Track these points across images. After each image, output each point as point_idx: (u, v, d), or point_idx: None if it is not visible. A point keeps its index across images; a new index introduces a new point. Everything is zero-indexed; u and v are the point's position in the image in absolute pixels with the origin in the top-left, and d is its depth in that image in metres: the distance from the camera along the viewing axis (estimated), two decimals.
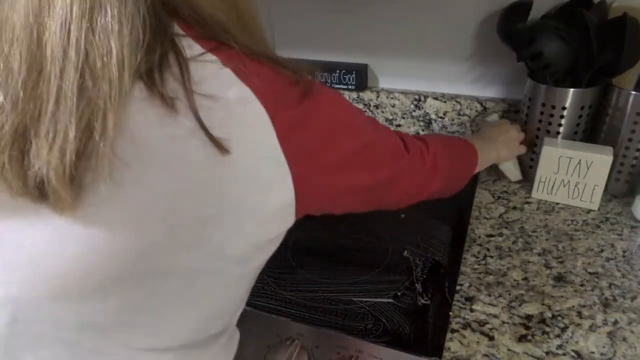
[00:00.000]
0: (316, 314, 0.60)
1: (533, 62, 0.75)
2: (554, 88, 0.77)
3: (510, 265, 0.67)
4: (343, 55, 1.04)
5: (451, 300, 0.61)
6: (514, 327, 0.57)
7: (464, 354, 0.54)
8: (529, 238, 0.72)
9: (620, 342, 0.54)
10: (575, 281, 0.63)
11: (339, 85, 1.03)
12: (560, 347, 0.54)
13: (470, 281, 0.64)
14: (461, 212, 0.78)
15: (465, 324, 0.58)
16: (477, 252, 0.69)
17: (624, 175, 0.78)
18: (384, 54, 1.01)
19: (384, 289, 0.63)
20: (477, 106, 0.95)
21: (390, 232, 0.74)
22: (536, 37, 0.73)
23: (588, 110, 0.78)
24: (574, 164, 0.76)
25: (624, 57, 0.70)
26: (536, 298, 0.61)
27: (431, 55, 0.97)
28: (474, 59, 0.94)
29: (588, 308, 0.59)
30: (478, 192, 0.84)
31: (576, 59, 0.73)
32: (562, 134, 0.80)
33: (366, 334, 0.56)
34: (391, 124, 1.05)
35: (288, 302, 0.62)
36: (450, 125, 0.99)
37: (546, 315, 0.58)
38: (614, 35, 0.70)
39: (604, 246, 0.70)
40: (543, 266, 0.66)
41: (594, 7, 0.75)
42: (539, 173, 0.79)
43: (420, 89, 1.01)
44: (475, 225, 0.75)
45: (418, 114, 1.01)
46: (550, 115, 0.79)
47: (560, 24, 0.73)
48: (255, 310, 0.61)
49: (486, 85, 0.96)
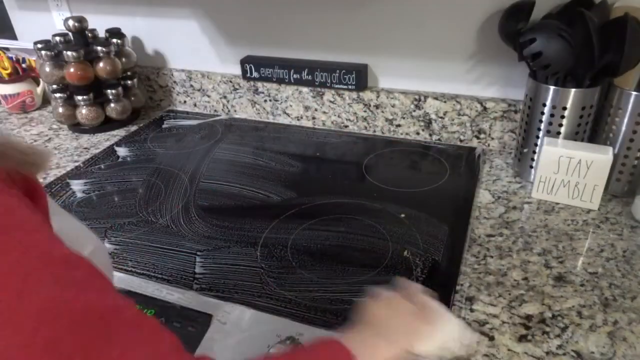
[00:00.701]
0: (316, 314, 0.60)
1: (534, 62, 0.75)
2: (555, 88, 0.77)
3: (510, 265, 0.67)
4: (343, 55, 1.04)
5: (451, 300, 0.61)
6: (514, 327, 0.57)
7: (464, 354, 0.54)
8: (529, 238, 0.72)
9: (620, 342, 0.54)
10: (575, 281, 0.63)
11: (339, 85, 1.03)
12: (560, 347, 0.54)
13: (470, 281, 0.64)
14: (461, 212, 0.78)
15: (466, 324, 0.58)
16: (477, 252, 0.69)
17: (625, 175, 0.78)
18: (384, 54, 1.01)
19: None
20: (477, 106, 0.95)
21: (390, 232, 0.73)
22: (537, 37, 0.73)
23: (589, 110, 0.78)
24: (574, 164, 0.76)
25: (625, 57, 0.70)
26: (536, 298, 0.61)
27: (431, 55, 0.97)
28: (474, 59, 0.94)
29: (588, 308, 0.59)
30: (478, 192, 0.84)
31: (577, 59, 0.73)
32: (563, 134, 0.80)
33: None
34: (391, 124, 1.05)
35: (288, 302, 0.62)
36: (450, 125, 0.99)
37: (546, 315, 0.58)
38: (616, 35, 0.70)
39: (604, 246, 0.70)
40: (543, 266, 0.66)
41: (595, 7, 0.76)
42: (539, 173, 0.79)
43: (420, 89, 1.01)
44: (475, 225, 0.75)
45: (418, 113, 1.01)
46: (551, 116, 0.79)
47: (561, 24, 0.73)
48: (255, 310, 0.61)
49: (487, 85, 0.96)
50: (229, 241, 0.74)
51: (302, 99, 1.10)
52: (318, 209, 0.81)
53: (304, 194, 0.85)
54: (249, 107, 1.17)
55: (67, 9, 1.24)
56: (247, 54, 1.13)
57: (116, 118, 1.16)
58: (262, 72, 1.09)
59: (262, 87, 1.13)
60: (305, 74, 1.05)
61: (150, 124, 1.18)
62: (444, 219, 0.76)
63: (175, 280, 0.67)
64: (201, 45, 1.17)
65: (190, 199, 0.85)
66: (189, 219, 0.80)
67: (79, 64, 1.08)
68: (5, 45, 1.37)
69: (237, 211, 0.81)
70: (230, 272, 0.68)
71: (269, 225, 0.77)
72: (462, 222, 0.75)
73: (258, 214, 0.80)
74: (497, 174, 0.89)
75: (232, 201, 0.84)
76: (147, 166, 0.97)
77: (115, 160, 1.01)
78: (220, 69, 1.18)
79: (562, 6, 0.81)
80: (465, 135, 1.00)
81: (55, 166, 1.00)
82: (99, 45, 1.09)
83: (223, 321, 0.60)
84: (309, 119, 1.12)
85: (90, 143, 1.10)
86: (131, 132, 1.14)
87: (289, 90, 1.10)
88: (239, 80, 1.14)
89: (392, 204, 0.80)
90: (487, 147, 0.99)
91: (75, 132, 1.16)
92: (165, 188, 0.89)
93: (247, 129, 1.12)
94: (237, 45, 1.13)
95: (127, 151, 1.05)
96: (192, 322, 0.60)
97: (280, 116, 1.15)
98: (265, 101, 1.15)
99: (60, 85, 1.13)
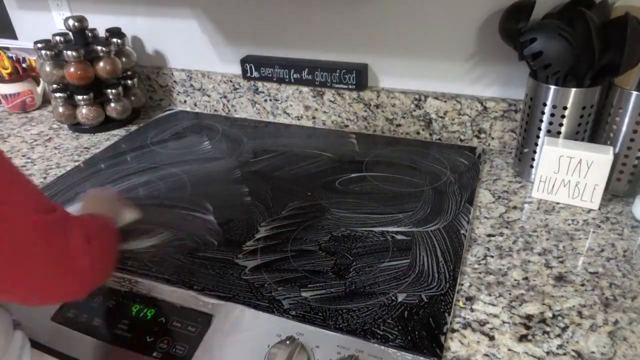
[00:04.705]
0: (316, 314, 0.60)
1: (534, 62, 0.75)
2: (556, 88, 0.77)
3: (510, 265, 0.67)
4: (343, 55, 1.04)
5: (452, 300, 0.60)
6: (514, 326, 0.57)
7: (464, 354, 0.54)
8: (530, 238, 0.72)
9: (620, 342, 0.54)
10: (575, 281, 0.63)
11: (339, 85, 1.03)
12: (560, 347, 0.54)
13: (470, 281, 0.64)
14: (461, 211, 0.78)
15: (466, 324, 0.58)
16: (477, 252, 0.69)
17: (626, 175, 0.78)
18: (384, 54, 1.01)
19: (384, 289, 0.63)
20: (477, 106, 0.95)
21: (390, 232, 0.73)
22: (538, 36, 0.73)
23: (589, 110, 0.78)
24: (575, 164, 0.76)
25: (626, 57, 0.70)
26: (536, 298, 0.61)
27: (431, 54, 0.97)
28: (474, 59, 0.94)
29: (588, 308, 0.59)
30: (478, 192, 0.84)
31: (578, 59, 0.73)
32: (563, 133, 0.80)
33: (366, 334, 0.56)
34: (391, 124, 1.05)
35: (288, 301, 0.62)
36: (450, 124, 0.99)
37: (547, 315, 0.58)
38: (616, 35, 0.70)
39: (605, 246, 0.70)
40: (543, 266, 0.66)
41: (595, 7, 0.75)
42: (540, 173, 0.79)
43: (420, 89, 1.01)
44: (476, 225, 0.75)
45: (418, 113, 1.01)
46: (552, 115, 0.79)
47: (562, 24, 0.73)
48: (255, 310, 0.61)
49: (487, 85, 0.96)
50: (229, 241, 0.74)
51: (303, 99, 1.10)
52: (318, 208, 0.81)
53: (303, 194, 0.85)
54: (249, 106, 1.17)
55: (67, 8, 1.24)
56: (247, 53, 1.13)
57: (116, 118, 1.16)
58: (262, 72, 1.09)
59: (262, 87, 1.13)
60: (305, 74, 1.05)
61: (151, 124, 1.18)
62: (444, 219, 0.76)
63: (175, 280, 0.67)
64: (201, 45, 1.17)
65: (191, 199, 0.85)
66: (189, 218, 0.80)
67: (79, 63, 1.08)
68: (6, 45, 1.37)
69: (237, 211, 0.81)
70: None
71: (268, 225, 0.77)
72: (462, 222, 0.75)
73: (258, 214, 0.80)
74: (498, 174, 0.89)
75: (232, 201, 0.84)
76: (147, 166, 0.97)
77: (115, 160, 1.01)
78: (221, 68, 1.18)
79: (562, 6, 0.81)
80: (465, 135, 1.00)
81: (56, 166, 1.00)
82: (99, 45, 1.09)
83: (223, 321, 0.60)
84: (309, 119, 1.12)
85: (91, 143, 1.10)
86: (131, 132, 1.14)
87: (289, 90, 1.10)
88: (239, 80, 1.14)
89: (392, 204, 0.80)
90: (488, 147, 0.99)
91: (76, 131, 1.16)
92: (165, 188, 0.89)
93: (247, 128, 1.12)
94: (237, 45, 1.13)
95: (127, 151, 1.05)
96: (192, 322, 0.60)
97: (281, 116, 1.15)
98: (265, 101, 1.15)
99: (61, 85, 1.13)
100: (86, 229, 0.50)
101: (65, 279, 0.47)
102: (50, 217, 0.46)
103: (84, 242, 0.48)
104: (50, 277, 0.46)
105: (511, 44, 0.82)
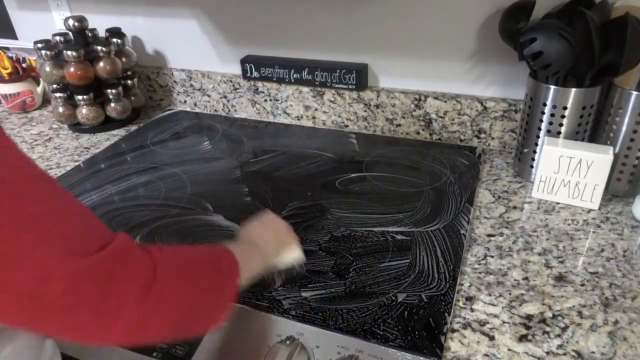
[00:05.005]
0: (316, 314, 0.60)
1: (534, 62, 0.75)
2: (556, 88, 0.77)
3: (510, 265, 0.67)
4: (343, 55, 1.04)
5: (452, 300, 0.60)
6: (514, 326, 0.57)
7: (464, 354, 0.54)
8: (529, 238, 0.72)
9: (620, 342, 0.54)
10: (575, 281, 0.63)
11: (339, 85, 1.03)
12: (560, 347, 0.54)
13: (470, 281, 0.64)
14: (462, 211, 0.78)
15: (466, 324, 0.58)
16: (477, 252, 0.69)
17: (626, 175, 0.78)
18: (384, 54, 1.01)
19: (384, 289, 0.63)
20: (477, 106, 0.95)
21: (390, 232, 0.73)
22: (538, 36, 0.73)
23: (589, 110, 0.78)
24: (575, 164, 0.76)
25: (626, 57, 0.70)
26: (536, 298, 0.61)
27: (431, 54, 0.97)
28: (474, 58, 0.94)
29: (588, 308, 0.59)
30: (478, 192, 0.84)
31: (578, 59, 0.73)
32: (564, 133, 0.80)
33: (366, 334, 0.56)
34: (391, 124, 1.05)
35: (288, 301, 0.62)
36: (450, 124, 0.99)
37: (547, 315, 0.58)
38: (616, 35, 0.70)
39: (605, 246, 0.70)
40: (543, 266, 0.66)
41: (595, 7, 0.75)
42: (540, 173, 0.79)
43: (420, 89, 1.01)
44: (476, 225, 0.75)
45: (418, 113, 1.01)
46: (552, 115, 0.79)
47: (562, 24, 0.73)
48: (255, 310, 0.61)
49: (487, 85, 0.96)
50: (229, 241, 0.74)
51: (303, 99, 1.10)
52: (318, 208, 0.81)
53: (303, 194, 0.85)
54: (249, 106, 1.17)
55: (67, 8, 1.24)
56: (247, 53, 1.13)
57: (116, 118, 1.16)
58: (262, 72, 1.09)
59: (262, 87, 1.13)
60: (305, 74, 1.05)
61: (151, 124, 1.18)
62: (444, 219, 0.76)
63: None
64: (201, 45, 1.17)
65: (190, 199, 0.85)
66: (189, 218, 0.80)
67: (79, 63, 1.08)
68: (6, 45, 1.37)
69: (237, 211, 0.81)
70: None
71: None
72: (462, 222, 0.75)
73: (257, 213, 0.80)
74: (498, 174, 0.89)
75: (232, 201, 0.84)
76: (147, 166, 0.97)
77: (115, 160, 1.01)
78: (221, 68, 1.18)
79: (562, 6, 0.81)
80: (465, 135, 1.00)
81: (56, 166, 1.00)
82: (99, 45, 1.09)
83: (223, 321, 0.60)
84: (309, 119, 1.12)
85: (91, 143, 1.10)
86: (131, 132, 1.14)
87: (289, 90, 1.10)
88: (239, 79, 1.14)
89: (392, 204, 0.80)
90: (488, 147, 0.99)
91: (76, 131, 1.16)
92: (165, 188, 0.89)
93: (247, 128, 1.12)
94: (237, 45, 1.13)
95: (127, 151, 1.05)
96: None
97: (281, 116, 1.15)
98: (265, 101, 1.15)
99: (61, 85, 1.13)
100: (155, 271, 0.39)
101: (100, 334, 0.38)
102: (86, 262, 0.36)
103: (138, 289, 0.37)
104: (84, 327, 0.37)
105: (511, 44, 0.82)
